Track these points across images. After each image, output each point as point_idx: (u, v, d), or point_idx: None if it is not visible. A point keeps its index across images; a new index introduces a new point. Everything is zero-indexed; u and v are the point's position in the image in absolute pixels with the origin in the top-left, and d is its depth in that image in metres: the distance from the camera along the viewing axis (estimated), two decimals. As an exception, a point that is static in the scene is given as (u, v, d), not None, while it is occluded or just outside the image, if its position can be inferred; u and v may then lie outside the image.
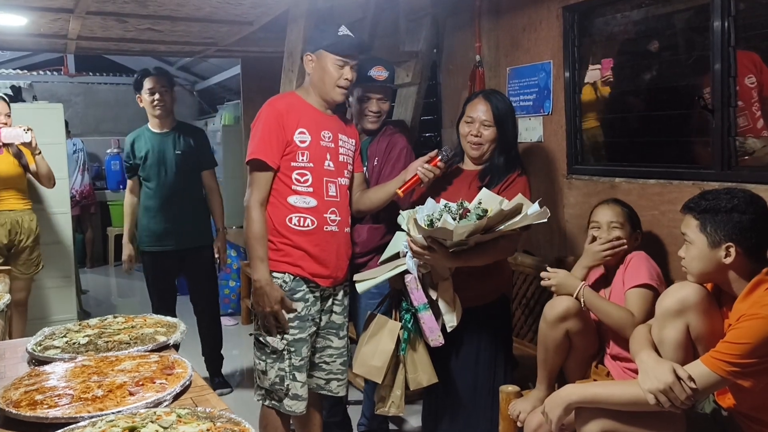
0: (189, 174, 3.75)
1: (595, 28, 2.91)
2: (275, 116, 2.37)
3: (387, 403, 2.41)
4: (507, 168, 2.42)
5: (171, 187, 3.69)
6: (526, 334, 3.08)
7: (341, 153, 2.48)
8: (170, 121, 3.76)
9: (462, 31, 3.58)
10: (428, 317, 2.27)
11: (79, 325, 2.11)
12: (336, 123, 2.49)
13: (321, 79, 2.41)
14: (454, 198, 2.30)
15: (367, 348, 2.39)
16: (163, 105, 3.67)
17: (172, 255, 3.74)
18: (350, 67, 2.40)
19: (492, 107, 2.42)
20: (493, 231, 2.13)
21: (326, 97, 2.44)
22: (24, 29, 3.80)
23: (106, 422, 1.35)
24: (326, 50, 2.38)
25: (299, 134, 2.38)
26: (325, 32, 2.42)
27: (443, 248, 2.17)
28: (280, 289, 2.36)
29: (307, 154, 2.38)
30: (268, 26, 3.82)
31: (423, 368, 2.37)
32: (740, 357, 1.67)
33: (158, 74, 3.70)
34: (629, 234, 2.32)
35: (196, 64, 7.71)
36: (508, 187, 2.37)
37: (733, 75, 2.30)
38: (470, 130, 2.44)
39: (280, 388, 2.41)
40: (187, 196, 3.75)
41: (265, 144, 2.35)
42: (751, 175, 2.26)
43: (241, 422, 1.37)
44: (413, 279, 2.28)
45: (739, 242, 1.78)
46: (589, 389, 1.97)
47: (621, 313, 2.18)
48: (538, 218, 2.12)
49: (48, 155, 4.45)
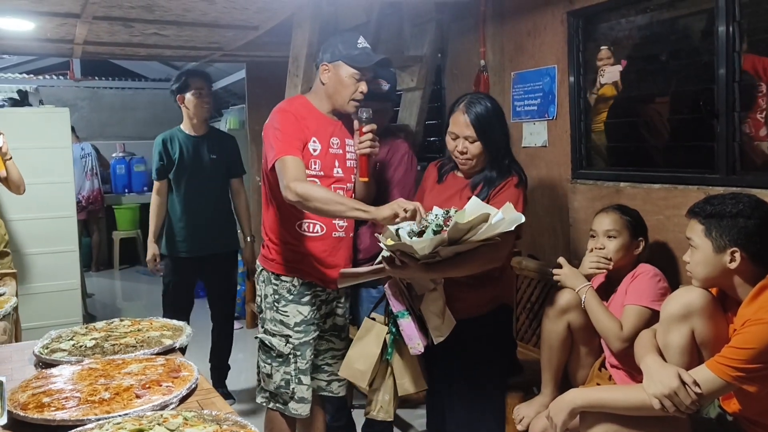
0: (220, 180, 3.73)
1: (600, 33, 2.91)
2: (293, 117, 2.35)
3: (375, 407, 2.39)
4: (499, 177, 2.32)
5: (202, 192, 3.65)
6: (530, 339, 3.08)
7: (348, 159, 2.48)
8: (206, 125, 3.74)
9: (466, 36, 3.59)
10: (407, 324, 2.24)
11: (85, 328, 2.13)
12: (342, 128, 2.49)
13: (337, 91, 2.38)
14: (449, 204, 2.25)
15: (354, 351, 2.39)
16: (209, 107, 3.65)
17: (196, 261, 3.69)
18: (365, 81, 2.39)
19: (472, 119, 2.26)
20: (462, 242, 2.04)
21: (340, 108, 2.42)
22: (31, 34, 3.82)
23: (113, 425, 1.36)
24: (346, 62, 2.35)
25: (312, 143, 2.37)
26: (345, 43, 2.37)
27: (414, 260, 2.10)
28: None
29: (318, 162, 2.38)
30: (273, 31, 3.83)
31: (411, 374, 2.35)
32: (745, 362, 1.67)
33: (204, 75, 3.67)
34: (628, 242, 2.30)
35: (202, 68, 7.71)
36: (498, 194, 2.28)
37: (737, 80, 2.30)
38: (456, 146, 2.32)
39: (285, 391, 2.41)
40: (217, 203, 3.71)
41: (289, 142, 2.29)
42: (756, 179, 2.26)
43: (247, 425, 1.38)
44: (390, 285, 2.25)
45: (744, 247, 1.78)
46: (593, 394, 1.97)
47: (610, 324, 2.18)
48: (507, 226, 2.02)
49: (53, 159, 4.48)
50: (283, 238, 2.41)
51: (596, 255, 2.30)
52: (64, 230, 4.57)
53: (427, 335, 2.26)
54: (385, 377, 2.38)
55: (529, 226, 3.17)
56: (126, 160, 8.31)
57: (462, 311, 2.29)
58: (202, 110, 3.64)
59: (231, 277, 3.90)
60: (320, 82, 2.42)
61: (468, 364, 2.41)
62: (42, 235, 4.45)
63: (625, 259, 2.31)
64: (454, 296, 2.27)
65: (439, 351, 2.31)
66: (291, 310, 2.41)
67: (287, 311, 2.41)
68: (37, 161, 4.40)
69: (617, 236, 2.30)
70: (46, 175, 4.44)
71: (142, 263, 8.10)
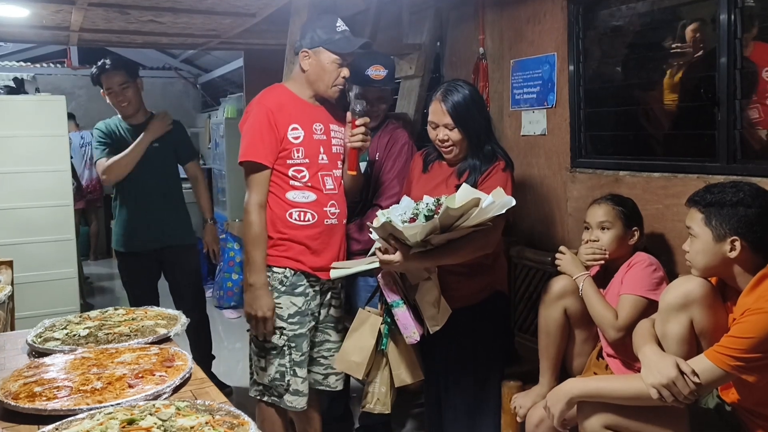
0: (167, 168, 3.54)
1: (600, 20, 2.88)
2: (265, 114, 2.32)
3: (372, 400, 2.38)
4: (484, 163, 2.32)
5: (147, 183, 3.44)
6: (528, 329, 3.07)
7: (334, 144, 2.45)
8: (142, 113, 3.52)
9: (465, 24, 3.55)
10: (402, 314, 2.23)
11: (79, 317, 2.11)
12: (325, 114, 2.46)
13: (320, 78, 2.36)
14: (436, 193, 2.25)
15: (349, 343, 2.38)
16: (127, 103, 3.43)
17: (151, 256, 3.50)
18: (347, 65, 2.37)
19: (448, 108, 2.27)
20: (454, 229, 2.04)
21: (323, 94, 2.40)
22: (26, 21, 3.78)
23: (105, 414, 1.35)
24: (326, 48, 2.33)
25: (292, 131, 2.34)
26: (324, 28, 2.35)
27: (406, 248, 2.09)
28: (270, 298, 2.32)
29: (302, 150, 2.35)
30: (271, 18, 3.79)
31: (406, 365, 2.34)
32: (745, 351, 1.66)
33: (115, 69, 3.40)
34: (622, 233, 2.28)
35: (200, 56, 7.69)
36: (486, 180, 2.28)
37: (739, 67, 2.27)
38: (437, 135, 2.33)
39: (280, 384, 2.39)
40: (165, 192, 3.52)
41: (257, 144, 2.31)
42: (757, 168, 2.24)
43: (240, 415, 1.36)
44: (383, 275, 2.24)
45: (744, 236, 1.76)
46: (591, 383, 1.96)
47: (605, 313, 2.17)
48: (497, 210, 2.03)
49: (50, 147, 4.45)
50: (272, 228, 2.38)
51: (591, 247, 2.29)
52: (61, 219, 4.54)
53: (423, 324, 2.25)
54: (381, 368, 2.37)
55: (528, 215, 3.16)
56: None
57: (456, 300, 2.28)
58: (120, 108, 3.45)
59: (192, 270, 3.70)
60: (300, 68, 2.40)
61: (464, 353, 2.40)
62: (39, 223, 4.42)
63: (621, 250, 2.29)
64: (448, 285, 2.27)
65: (434, 340, 2.30)
66: (284, 302, 2.38)
67: (280, 302, 2.38)
68: (34, 149, 4.39)
69: (610, 227, 2.28)
70: (42, 164, 4.41)
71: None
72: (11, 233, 4.30)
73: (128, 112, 3.48)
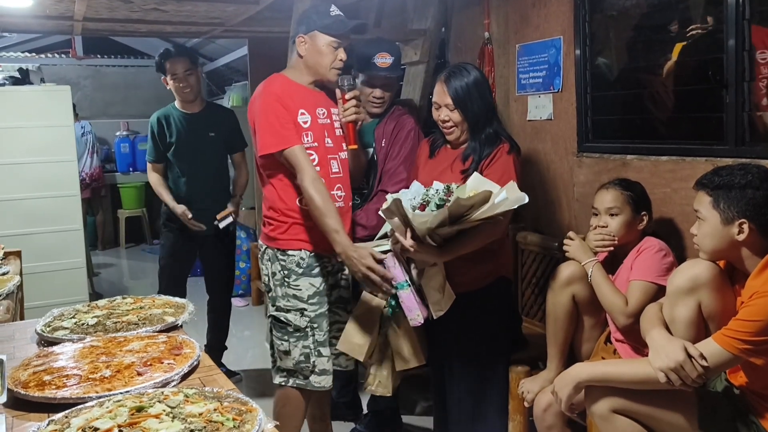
0: (220, 157, 3.69)
1: (607, 3, 2.85)
2: (275, 100, 2.34)
3: (374, 382, 2.40)
4: (487, 146, 2.33)
5: (202, 170, 3.61)
6: (536, 314, 3.07)
7: (336, 128, 2.48)
8: (199, 102, 3.65)
9: (470, 8, 3.52)
10: (406, 296, 2.21)
11: (87, 306, 2.12)
12: (325, 98, 2.48)
13: (317, 62, 2.38)
14: (442, 178, 2.28)
15: (351, 325, 2.39)
16: (189, 89, 3.54)
17: (195, 238, 3.64)
18: (344, 48, 2.38)
19: (450, 90, 2.32)
20: (465, 221, 2.05)
21: (322, 78, 2.42)
22: (29, 10, 3.78)
23: (114, 402, 1.35)
24: (321, 31, 2.35)
25: (301, 115, 2.37)
26: (318, 13, 2.38)
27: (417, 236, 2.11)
28: (364, 248, 2.25)
29: (311, 134, 2.37)
30: (275, 5, 3.77)
31: (409, 348, 2.35)
32: (753, 334, 1.65)
33: (179, 55, 3.54)
34: (631, 218, 2.27)
35: (204, 45, 7.67)
36: (490, 165, 2.29)
37: (747, 49, 2.25)
38: (439, 116, 2.38)
39: (306, 366, 2.39)
40: (216, 180, 3.68)
41: (279, 131, 2.31)
42: (765, 150, 2.22)
43: (248, 402, 1.37)
44: (390, 257, 2.24)
45: (752, 219, 1.75)
46: (599, 368, 1.96)
47: (615, 299, 2.17)
48: (509, 205, 2.04)
49: (56, 138, 4.47)
50: (285, 213, 2.39)
51: (600, 233, 2.28)
52: (68, 209, 4.57)
53: (427, 307, 2.25)
54: (384, 351, 2.37)
55: (535, 200, 3.14)
56: (129, 139, 8.29)
57: (461, 285, 2.28)
58: (182, 94, 3.56)
59: (228, 256, 3.85)
60: (298, 55, 2.43)
61: (469, 338, 2.41)
62: (46, 213, 4.45)
63: (630, 235, 2.28)
64: (453, 270, 2.26)
65: (439, 326, 2.30)
66: (303, 284, 2.39)
67: (299, 284, 2.38)
68: (40, 140, 4.41)
69: (619, 213, 2.27)
70: (48, 154, 4.44)
71: (147, 242, 8.13)
72: (19, 223, 4.33)
73: (189, 98, 3.58)
